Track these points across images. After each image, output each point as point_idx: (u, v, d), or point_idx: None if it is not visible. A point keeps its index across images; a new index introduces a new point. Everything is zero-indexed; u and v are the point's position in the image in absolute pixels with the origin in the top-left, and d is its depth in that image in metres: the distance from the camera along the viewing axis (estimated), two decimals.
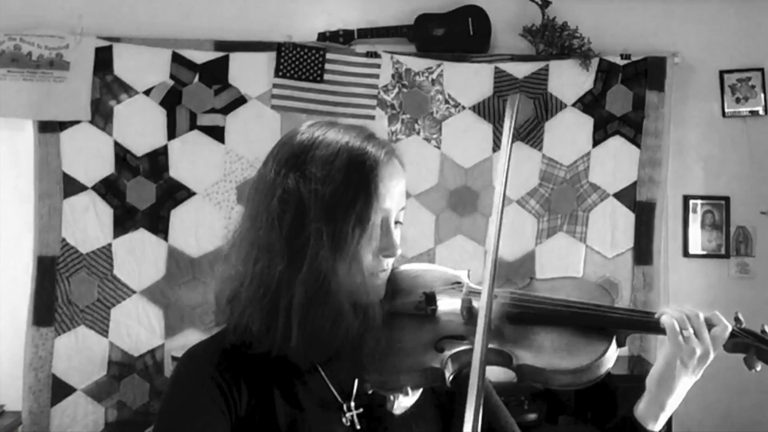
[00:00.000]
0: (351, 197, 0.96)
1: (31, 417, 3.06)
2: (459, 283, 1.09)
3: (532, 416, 2.87)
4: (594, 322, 1.04)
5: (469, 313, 1.04)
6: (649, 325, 1.05)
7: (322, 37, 3.22)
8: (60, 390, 3.09)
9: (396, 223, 1.04)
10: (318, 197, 0.96)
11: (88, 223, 3.14)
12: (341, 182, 0.96)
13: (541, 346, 1.01)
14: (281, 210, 0.97)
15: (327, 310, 0.96)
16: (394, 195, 1.01)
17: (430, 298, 1.06)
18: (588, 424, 2.87)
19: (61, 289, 3.12)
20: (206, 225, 3.18)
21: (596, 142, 3.29)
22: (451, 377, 0.99)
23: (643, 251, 3.26)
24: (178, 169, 3.19)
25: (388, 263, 1.04)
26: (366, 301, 1.00)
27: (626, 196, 3.28)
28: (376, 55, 3.25)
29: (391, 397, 1.01)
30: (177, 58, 3.19)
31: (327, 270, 0.95)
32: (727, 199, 3.34)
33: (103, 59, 3.15)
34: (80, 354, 3.11)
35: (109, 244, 3.15)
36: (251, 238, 1.00)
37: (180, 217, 3.18)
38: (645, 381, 1.08)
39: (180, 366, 1.02)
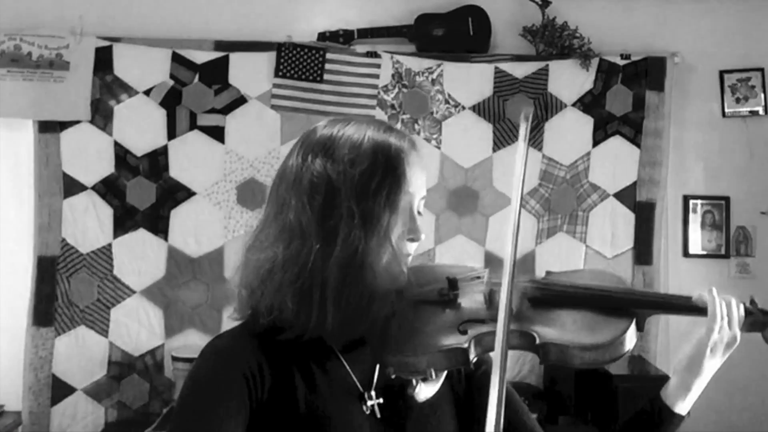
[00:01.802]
0: (380, 178, 1.00)
1: (31, 417, 3.06)
2: (479, 277, 1.12)
3: (532, 416, 2.86)
4: (614, 303, 1.06)
5: (491, 298, 1.06)
6: (669, 305, 1.10)
7: (322, 37, 3.22)
8: (60, 390, 3.09)
9: (417, 212, 1.07)
10: (348, 178, 0.99)
11: (88, 223, 3.14)
12: (370, 164, 1.00)
13: (563, 326, 1.03)
14: (311, 193, 1.00)
15: (361, 289, 0.98)
16: (416, 182, 1.05)
17: (453, 283, 1.08)
18: (588, 424, 2.87)
19: (61, 289, 3.12)
20: (206, 225, 3.18)
21: (596, 142, 3.29)
22: (474, 359, 1.01)
23: (643, 251, 3.26)
24: (178, 169, 3.19)
25: (412, 248, 1.08)
26: (394, 284, 1.02)
27: (626, 196, 3.28)
28: (376, 55, 3.25)
29: (414, 382, 1.02)
30: (177, 58, 3.19)
31: (360, 249, 0.98)
32: (727, 199, 3.34)
33: (103, 59, 3.16)
34: (80, 354, 3.11)
35: (109, 244, 3.15)
36: (281, 223, 1.02)
37: (180, 217, 3.18)
38: (645, 381, 1.11)
39: (204, 356, 1.03)
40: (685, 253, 3.34)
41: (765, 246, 3.33)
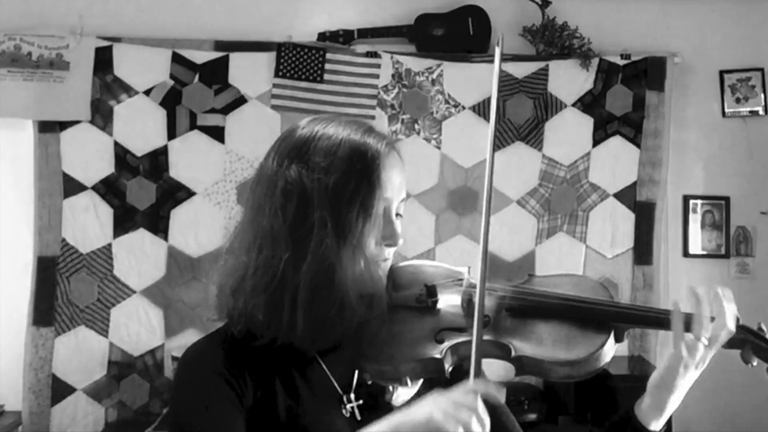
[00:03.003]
0: (354, 186, 0.98)
1: (31, 417, 3.06)
2: (460, 279, 1.10)
3: (532, 416, 2.86)
4: (592, 315, 1.05)
5: (469, 306, 1.05)
6: (647, 319, 1.07)
7: (322, 37, 3.22)
8: (60, 390, 3.09)
9: (397, 215, 1.05)
10: (321, 186, 0.97)
11: (88, 223, 3.14)
12: (344, 172, 0.98)
13: (540, 338, 1.02)
14: (284, 200, 0.98)
15: (332, 298, 0.97)
16: (395, 185, 1.03)
17: (431, 291, 1.07)
18: (588, 424, 2.87)
19: (61, 289, 3.12)
20: (206, 225, 3.18)
21: (596, 142, 3.29)
22: (450, 369, 1.00)
23: (643, 251, 3.26)
24: (178, 169, 3.19)
25: (390, 252, 1.06)
26: (369, 289, 1.01)
27: (626, 196, 3.28)
28: (376, 55, 3.25)
29: (390, 388, 1.02)
30: (177, 58, 3.18)
31: (332, 258, 0.97)
32: (727, 199, 3.34)
33: (103, 59, 3.15)
34: (80, 354, 3.11)
35: (109, 244, 3.15)
36: (254, 229, 1.01)
37: (180, 217, 3.18)
38: (645, 381, 1.08)
39: (183, 366, 1.03)
40: (685, 253, 3.35)
41: (765, 246, 3.33)
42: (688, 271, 3.33)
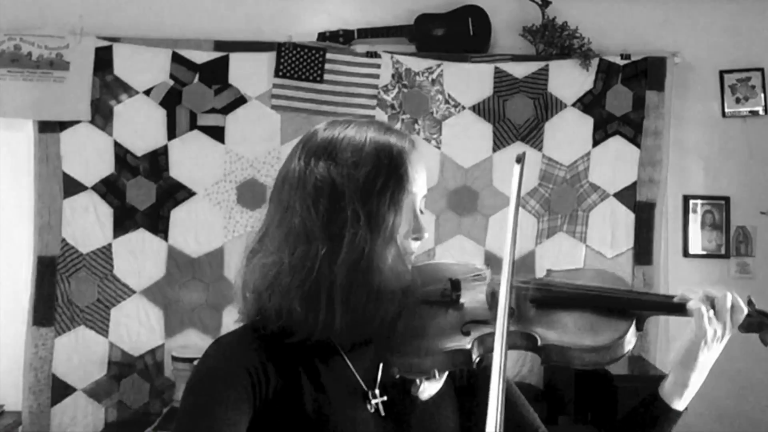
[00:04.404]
0: (384, 180, 1.00)
1: (31, 417, 3.06)
2: (480, 274, 1.13)
3: (530, 408, 2.86)
4: (615, 304, 1.08)
5: (493, 299, 1.07)
6: (670, 306, 1.10)
7: (322, 37, 3.22)
8: (60, 390, 3.09)
9: (420, 210, 1.08)
10: (352, 181, 0.99)
11: (88, 223, 3.14)
12: (373, 166, 1.00)
13: (565, 327, 1.05)
14: (316, 196, 1.00)
15: (368, 291, 0.99)
16: (420, 180, 1.06)
17: (456, 285, 1.10)
18: (588, 425, 2.87)
19: (61, 289, 3.12)
20: (206, 225, 3.18)
21: (596, 142, 3.29)
22: (477, 359, 1.02)
23: (643, 251, 3.26)
24: (178, 169, 3.19)
25: (416, 246, 1.08)
26: (399, 283, 1.03)
27: (626, 196, 3.28)
28: (376, 55, 3.25)
29: (418, 381, 1.04)
30: (177, 58, 3.19)
31: (366, 250, 0.98)
32: (727, 199, 3.34)
33: (103, 59, 3.16)
34: (80, 354, 3.11)
35: (109, 244, 3.16)
36: (286, 227, 1.02)
37: (180, 217, 3.19)
38: (645, 381, 1.11)
39: (208, 352, 1.03)
40: (685, 253, 3.35)
41: (765, 246, 3.33)
42: (688, 271, 3.33)
